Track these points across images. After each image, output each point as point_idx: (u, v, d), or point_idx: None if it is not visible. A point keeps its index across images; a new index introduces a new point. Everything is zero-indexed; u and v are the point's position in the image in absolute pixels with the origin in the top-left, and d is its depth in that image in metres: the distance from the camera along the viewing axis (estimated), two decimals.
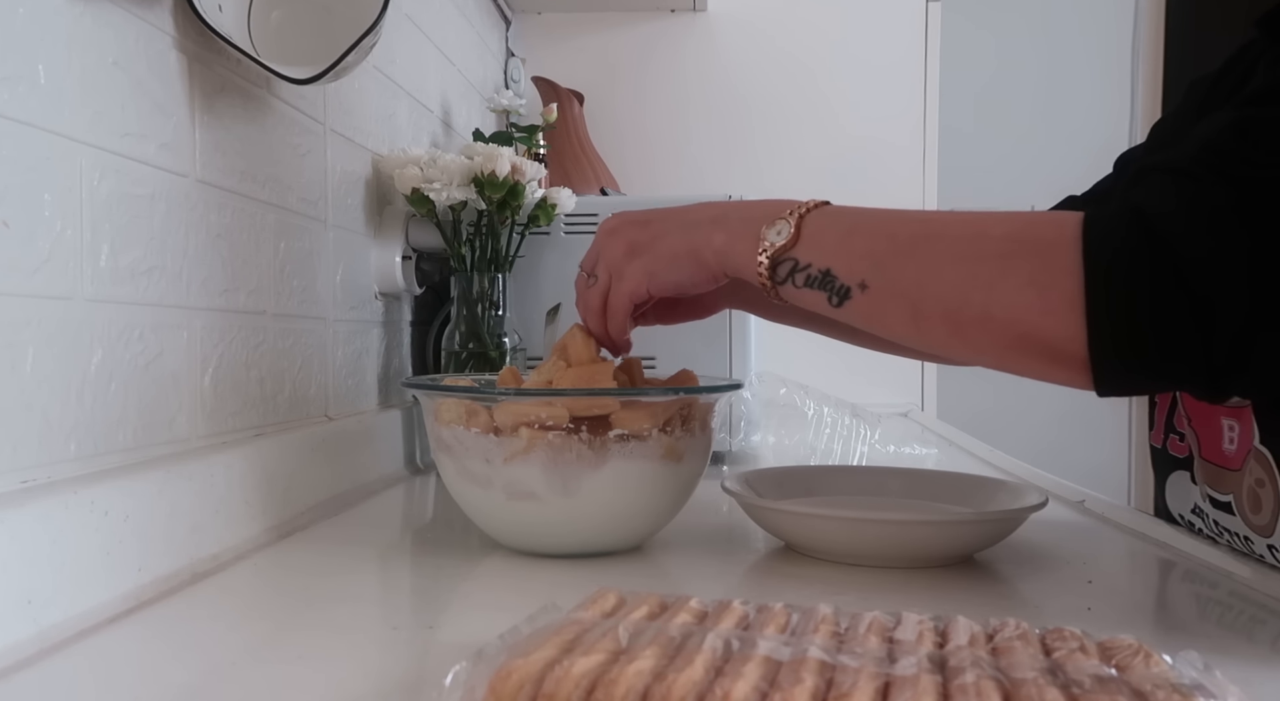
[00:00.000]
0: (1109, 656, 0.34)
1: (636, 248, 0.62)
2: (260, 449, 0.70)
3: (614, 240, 0.63)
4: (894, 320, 0.53)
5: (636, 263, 0.61)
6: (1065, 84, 2.70)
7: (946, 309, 0.50)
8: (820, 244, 0.55)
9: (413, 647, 0.48)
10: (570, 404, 0.60)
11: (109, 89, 0.57)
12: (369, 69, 0.97)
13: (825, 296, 0.54)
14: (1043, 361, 0.48)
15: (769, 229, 0.56)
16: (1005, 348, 0.49)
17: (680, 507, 0.67)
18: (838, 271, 0.54)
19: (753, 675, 0.31)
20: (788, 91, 1.78)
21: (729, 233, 0.58)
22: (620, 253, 0.62)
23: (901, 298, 0.52)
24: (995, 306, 0.48)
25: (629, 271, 0.61)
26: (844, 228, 0.55)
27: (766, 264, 0.56)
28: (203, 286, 0.67)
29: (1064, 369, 0.48)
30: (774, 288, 0.56)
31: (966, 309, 0.50)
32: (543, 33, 1.77)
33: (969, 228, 0.52)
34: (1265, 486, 0.62)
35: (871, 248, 0.54)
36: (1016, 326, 0.48)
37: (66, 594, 0.49)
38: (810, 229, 0.55)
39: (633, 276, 0.61)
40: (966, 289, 0.50)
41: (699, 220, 0.60)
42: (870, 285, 0.53)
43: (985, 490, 0.73)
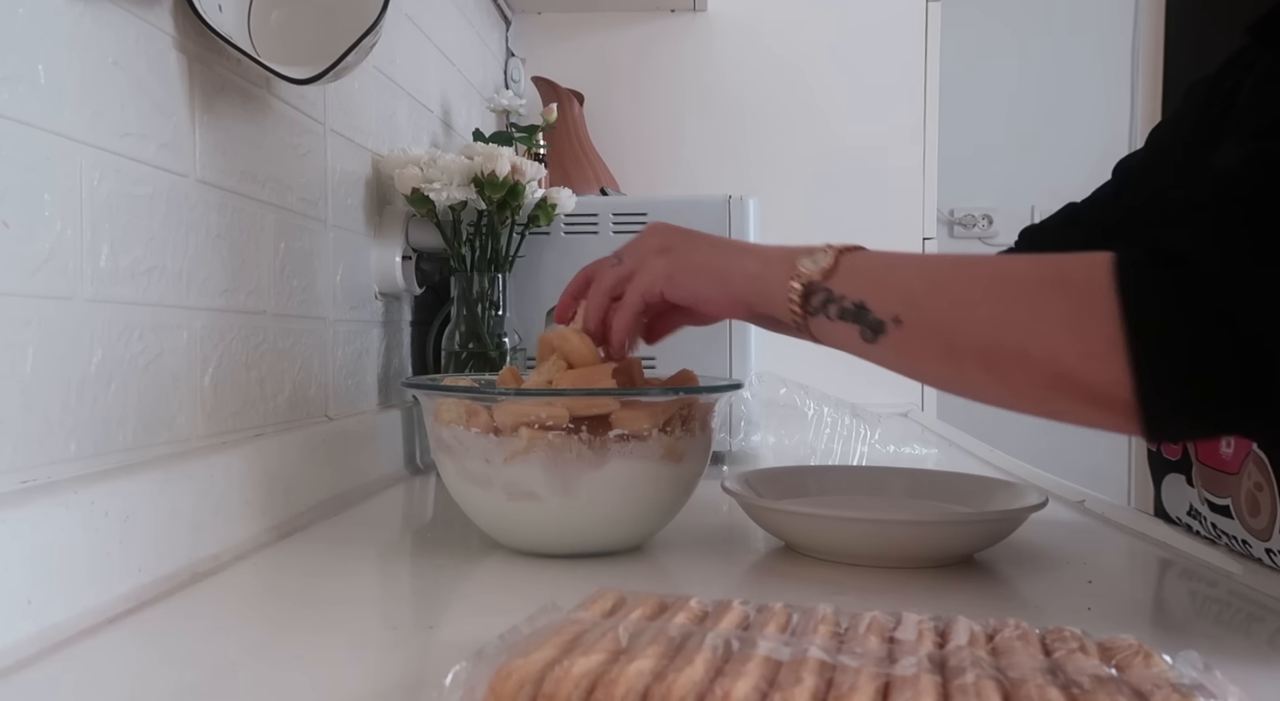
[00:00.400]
0: (1109, 656, 0.35)
1: (668, 248, 0.62)
2: (260, 449, 0.70)
3: (651, 236, 0.64)
4: (928, 358, 0.52)
5: (662, 260, 0.62)
6: (1065, 84, 2.70)
7: (982, 347, 0.50)
8: (856, 276, 0.55)
9: (413, 647, 0.48)
10: (570, 404, 0.60)
11: (109, 89, 0.57)
12: (369, 69, 0.97)
13: (858, 330, 0.54)
14: (1086, 405, 0.48)
15: (806, 258, 0.56)
16: (1045, 388, 0.48)
17: (680, 507, 0.67)
18: (872, 305, 0.53)
19: (753, 675, 0.31)
20: (788, 91, 1.78)
21: (763, 260, 0.58)
22: (652, 247, 0.63)
23: (935, 334, 0.51)
24: (1032, 346, 0.48)
25: (652, 265, 0.62)
26: (880, 263, 0.55)
27: (799, 291, 0.55)
28: (203, 286, 0.67)
29: (1110, 413, 0.47)
30: (805, 319, 0.56)
31: (1002, 348, 0.49)
32: (543, 33, 1.77)
33: (1001, 268, 0.52)
34: (1263, 490, 0.62)
35: (907, 283, 0.53)
36: (1055, 367, 0.47)
37: (66, 594, 0.49)
38: (848, 262, 0.55)
39: (653, 271, 0.62)
40: (1002, 327, 0.49)
41: (736, 247, 0.61)
42: (904, 320, 0.52)
43: (985, 490, 0.73)
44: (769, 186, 1.74)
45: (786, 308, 0.56)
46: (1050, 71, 2.69)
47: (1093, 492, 0.87)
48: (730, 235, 1.08)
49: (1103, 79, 2.69)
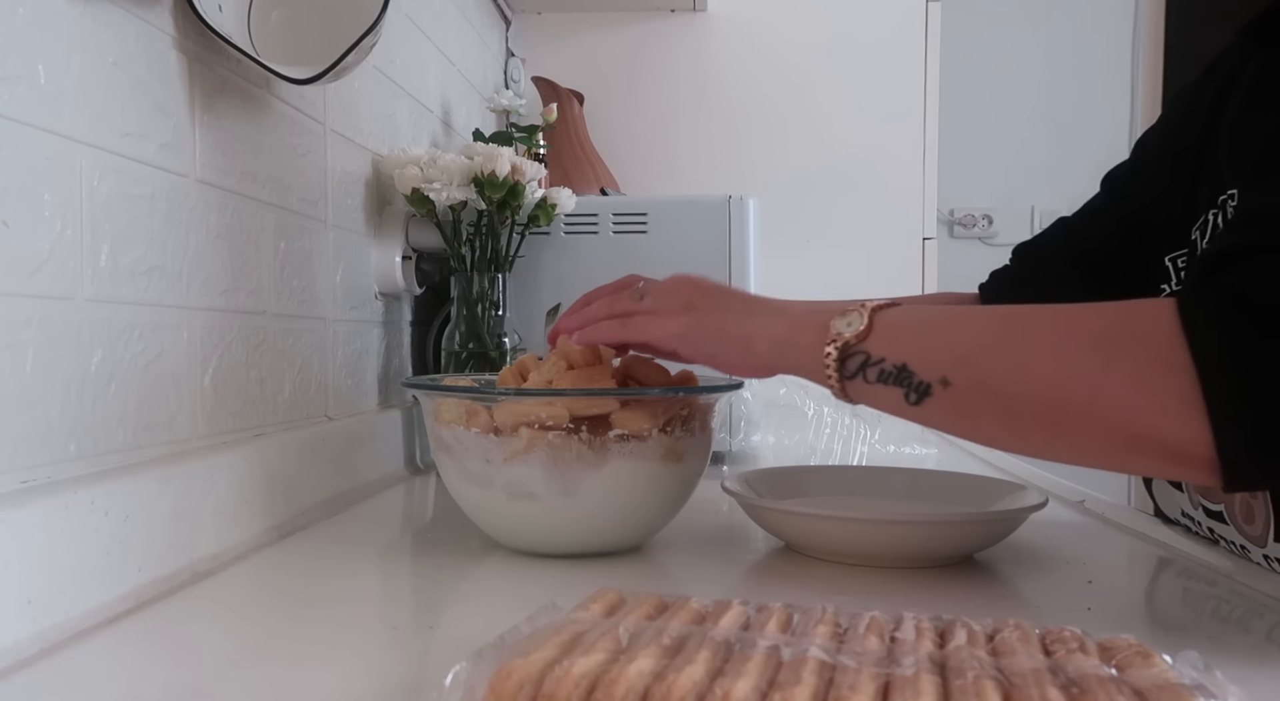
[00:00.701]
0: (1109, 656, 0.35)
1: (691, 307, 0.60)
2: (260, 449, 0.70)
3: (678, 289, 0.62)
4: (983, 419, 0.50)
5: (683, 317, 0.59)
6: (1065, 84, 2.70)
7: (1044, 408, 0.47)
8: (895, 337, 0.52)
9: (413, 647, 0.48)
10: (570, 404, 0.60)
11: (109, 89, 0.57)
12: (369, 69, 0.97)
13: (902, 393, 0.51)
14: (1164, 462, 0.46)
15: (839, 319, 0.53)
16: (1118, 448, 0.46)
17: (680, 507, 0.67)
18: (915, 366, 0.50)
19: (753, 675, 0.31)
20: (788, 91, 1.78)
21: (791, 323, 0.55)
22: (677, 301, 0.61)
23: (990, 395, 0.48)
24: (1101, 406, 0.45)
25: (672, 319, 0.60)
26: (920, 322, 0.53)
27: (835, 356, 0.52)
28: (203, 286, 0.67)
29: (1189, 468, 0.45)
30: (841, 384, 0.53)
31: (1068, 408, 0.46)
32: (543, 33, 1.77)
33: (1056, 321, 0.49)
34: (1257, 497, 0.61)
35: (952, 341, 0.50)
36: (1129, 427, 0.45)
37: (66, 594, 0.49)
38: (884, 321, 0.52)
39: (670, 326, 0.59)
40: (1065, 386, 0.46)
41: (761, 309, 0.58)
42: (954, 381, 0.49)
43: (985, 490, 0.73)
44: (769, 186, 1.74)
45: (821, 374, 0.53)
46: (1050, 72, 2.69)
47: (1093, 492, 0.87)
48: (730, 235, 1.08)
49: (1103, 79, 2.69)
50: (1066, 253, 0.81)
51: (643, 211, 1.09)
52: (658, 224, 1.08)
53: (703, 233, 1.08)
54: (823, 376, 0.53)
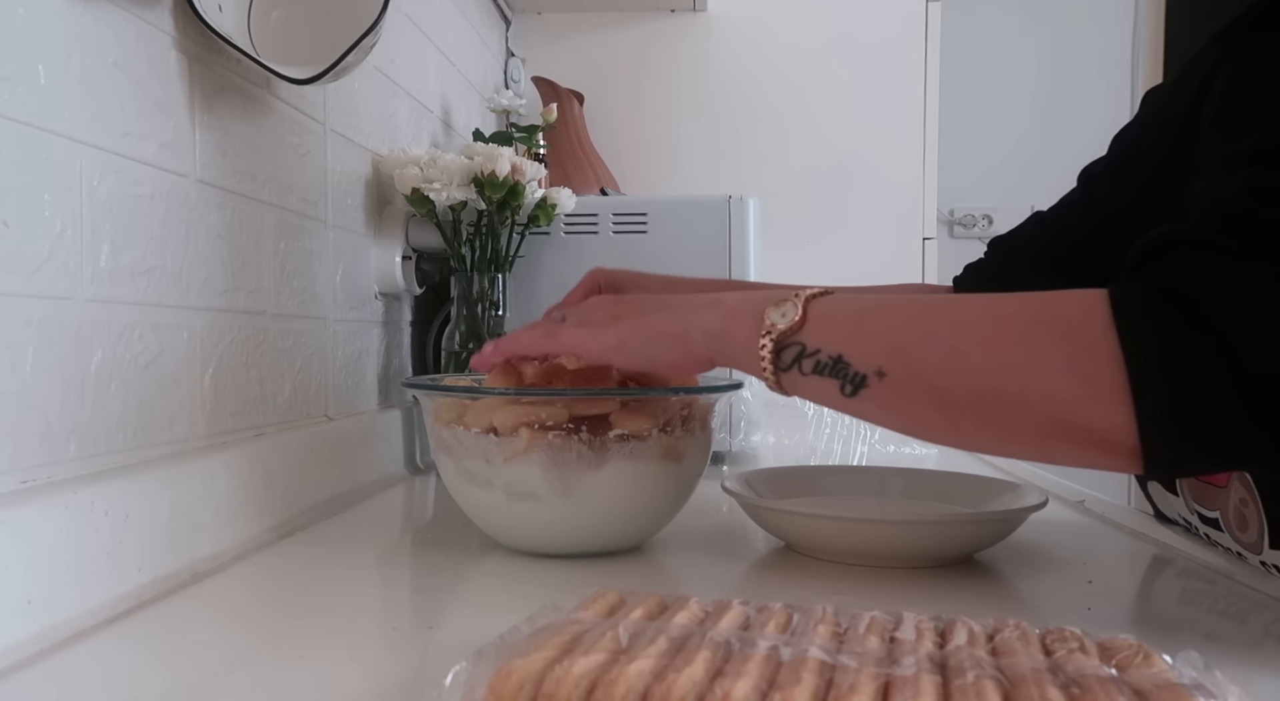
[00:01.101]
0: (1109, 656, 0.34)
1: (619, 317, 0.58)
2: (260, 449, 0.70)
3: (604, 304, 0.61)
4: (917, 410, 0.49)
5: (614, 329, 0.58)
6: (1065, 85, 2.70)
7: (977, 397, 0.47)
8: (830, 327, 0.51)
9: (413, 647, 0.48)
10: (570, 404, 0.60)
11: (109, 89, 0.57)
12: (369, 69, 0.97)
13: (837, 385, 0.50)
14: (1089, 450, 0.46)
15: (773, 310, 0.52)
16: (1046, 436, 0.46)
17: (680, 507, 0.67)
18: (850, 357, 0.50)
19: (753, 675, 0.31)
20: (788, 91, 1.78)
21: (724, 314, 0.54)
22: (603, 314, 0.59)
23: (925, 385, 0.48)
24: (1033, 394, 0.45)
25: (603, 332, 0.58)
26: (855, 311, 0.52)
27: (770, 348, 0.51)
28: (203, 286, 0.67)
29: (1113, 456, 0.45)
30: (777, 376, 0.52)
31: (999, 397, 0.46)
32: (543, 33, 1.77)
33: (990, 311, 0.49)
34: (1249, 506, 0.61)
35: (887, 331, 0.50)
36: (1058, 414, 0.45)
37: (66, 594, 0.49)
38: (818, 311, 0.51)
39: (604, 340, 0.58)
40: (998, 375, 0.46)
41: (690, 302, 0.57)
42: (889, 372, 0.49)
43: (985, 490, 0.73)
44: (769, 186, 1.74)
45: (757, 365, 0.52)
46: (1050, 72, 2.69)
47: (1093, 492, 0.87)
48: (730, 235, 1.08)
49: (1102, 79, 2.69)
50: (1041, 246, 0.81)
51: (643, 211, 1.09)
52: (658, 224, 1.09)
53: (703, 233, 1.08)
54: (758, 369, 0.53)
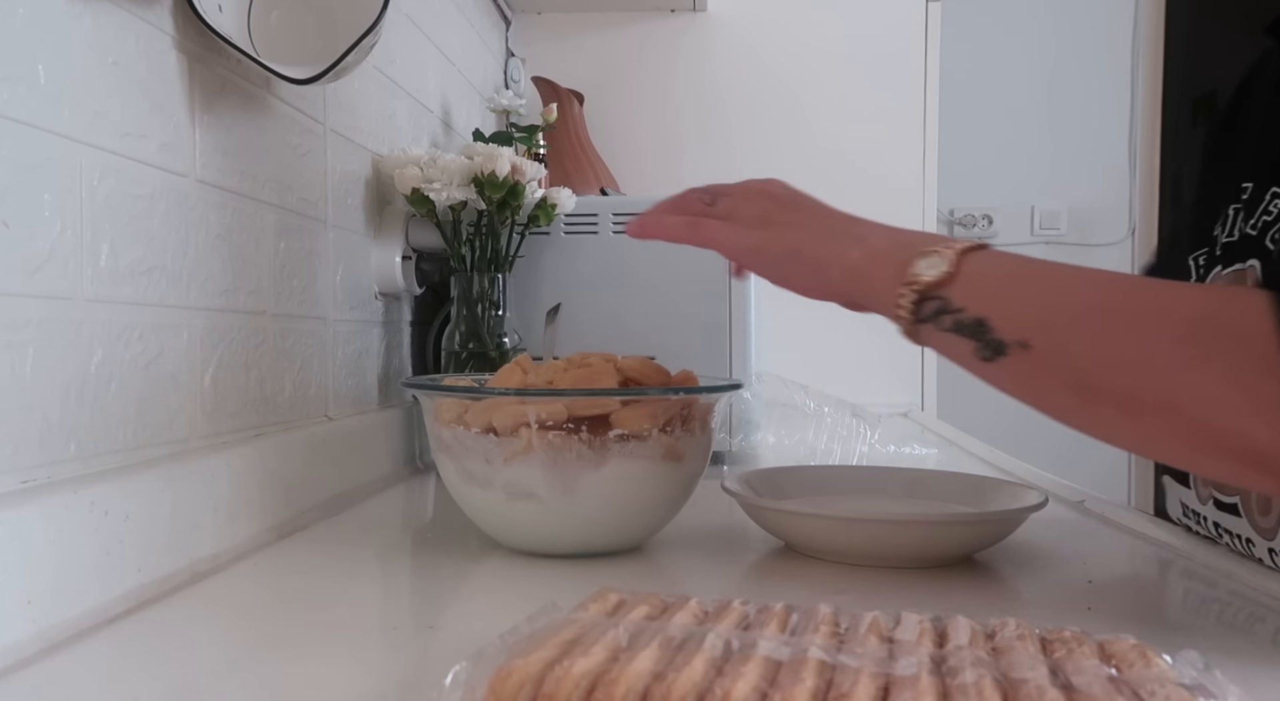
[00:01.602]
0: (1109, 656, 0.35)
1: (767, 220, 0.56)
2: (260, 449, 0.70)
3: (754, 198, 0.58)
4: (1053, 389, 0.47)
5: (757, 233, 0.56)
6: (1065, 84, 2.70)
7: (1122, 390, 0.44)
8: (979, 288, 0.48)
9: (413, 647, 0.48)
10: (570, 404, 0.60)
11: (109, 89, 0.57)
12: (369, 69, 0.97)
13: (974, 347, 0.48)
14: (1243, 466, 0.43)
15: (921, 260, 0.49)
16: (1193, 447, 0.44)
17: (680, 507, 0.67)
18: (994, 322, 0.47)
19: (753, 675, 0.31)
20: (788, 91, 1.78)
21: (868, 253, 0.52)
22: (753, 213, 0.57)
23: (1067, 367, 0.46)
24: (1184, 399, 0.43)
25: (745, 233, 0.57)
26: (1009, 273, 0.49)
27: (911, 298, 0.49)
28: (203, 286, 0.67)
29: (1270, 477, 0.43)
30: (913, 325, 0.50)
31: (1147, 395, 0.43)
32: (543, 33, 1.77)
33: (1149, 298, 0.46)
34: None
35: (1039, 302, 0.47)
36: (1211, 424, 0.42)
37: (66, 594, 0.49)
38: (969, 268, 0.49)
39: (743, 240, 0.56)
40: (1148, 372, 0.43)
41: (840, 232, 0.55)
42: (1033, 345, 0.46)
43: (985, 490, 0.73)
44: None
45: (893, 311, 0.50)
46: (1050, 72, 2.69)
47: (1093, 492, 0.87)
48: None
49: (1103, 79, 2.69)
50: None
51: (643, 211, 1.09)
52: None
53: None
54: (893, 314, 0.50)
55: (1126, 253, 2.71)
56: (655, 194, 1.69)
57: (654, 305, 1.08)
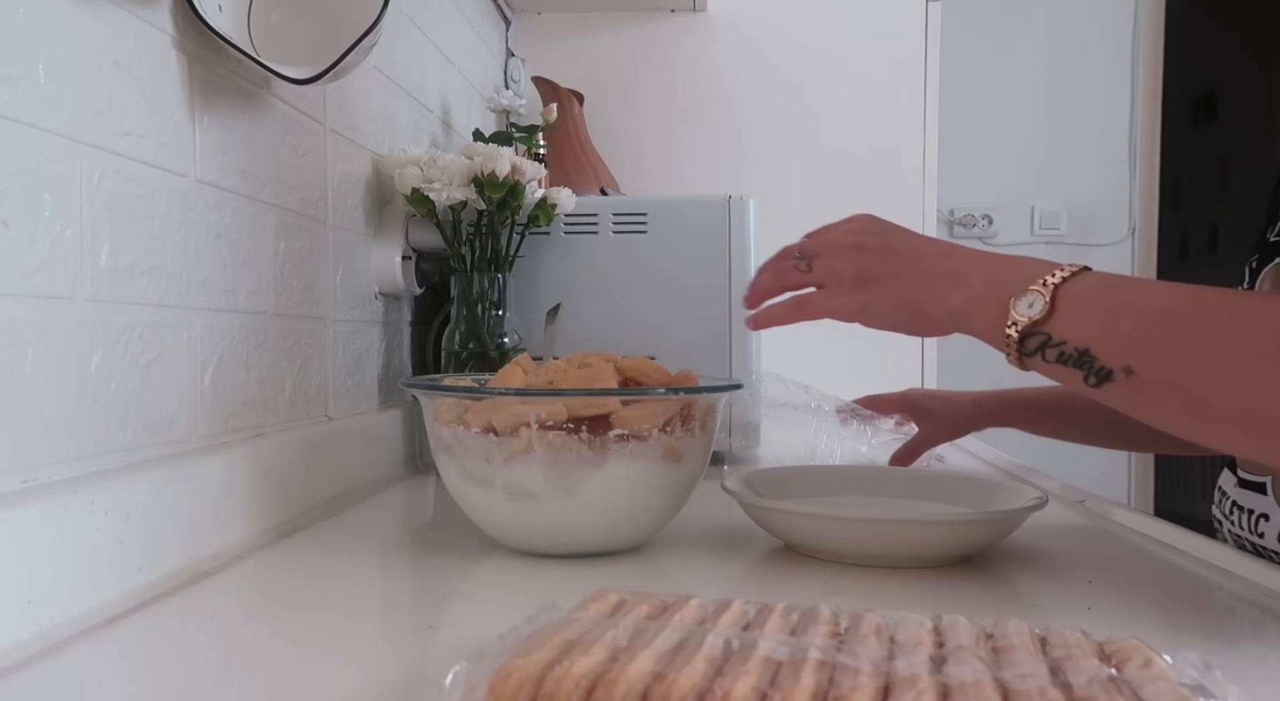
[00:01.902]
0: (1109, 656, 0.34)
1: (865, 279, 0.59)
2: (260, 449, 0.70)
3: (847, 254, 0.61)
4: (1166, 410, 0.49)
5: (860, 296, 0.59)
6: (1065, 84, 2.70)
7: (1237, 409, 0.46)
8: (1079, 320, 0.51)
9: (413, 647, 0.48)
10: (570, 404, 0.60)
11: (109, 89, 0.57)
12: (369, 69, 0.97)
13: (1081, 375, 0.50)
14: None
15: (1019, 300, 0.52)
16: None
17: (680, 507, 0.67)
18: (1098, 352, 0.49)
19: (753, 675, 0.31)
20: (788, 91, 1.78)
21: (970, 294, 0.55)
22: (849, 273, 0.60)
23: (1179, 389, 0.47)
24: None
25: (849, 298, 0.60)
26: (1107, 304, 0.51)
27: (1015, 337, 0.52)
28: (203, 286, 0.67)
29: None
30: (1020, 360, 0.53)
31: (1263, 412, 0.45)
32: (543, 33, 1.77)
33: (1257, 317, 0.47)
34: None
35: (1141, 331, 0.49)
36: None
37: (66, 594, 0.49)
38: (1066, 301, 0.51)
39: (848, 306, 0.60)
40: (1262, 390, 0.44)
41: (937, 274, 0.57)
42: (1138, 371, 0.48)
43: (985, 490, 0.73)
44: (769, 186, 1.74)
45: (1001, 346, 0.53)
46: (1050, 71, 2.69)
47: (1093, 492, 0.87)
48: (730, 235, 1.08)
49: (1103, 79, 2.69)
50: None
51: (642, 211, 1.09)
52: (658, 224, 1.09)
53: (703, 233, 1.08)
54: (1002, 348, 0.54)
55: (1126, 253, 2.72)
56: (655, 194, 1.68)
57: (654, 305, 1.08)
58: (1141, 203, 2.70)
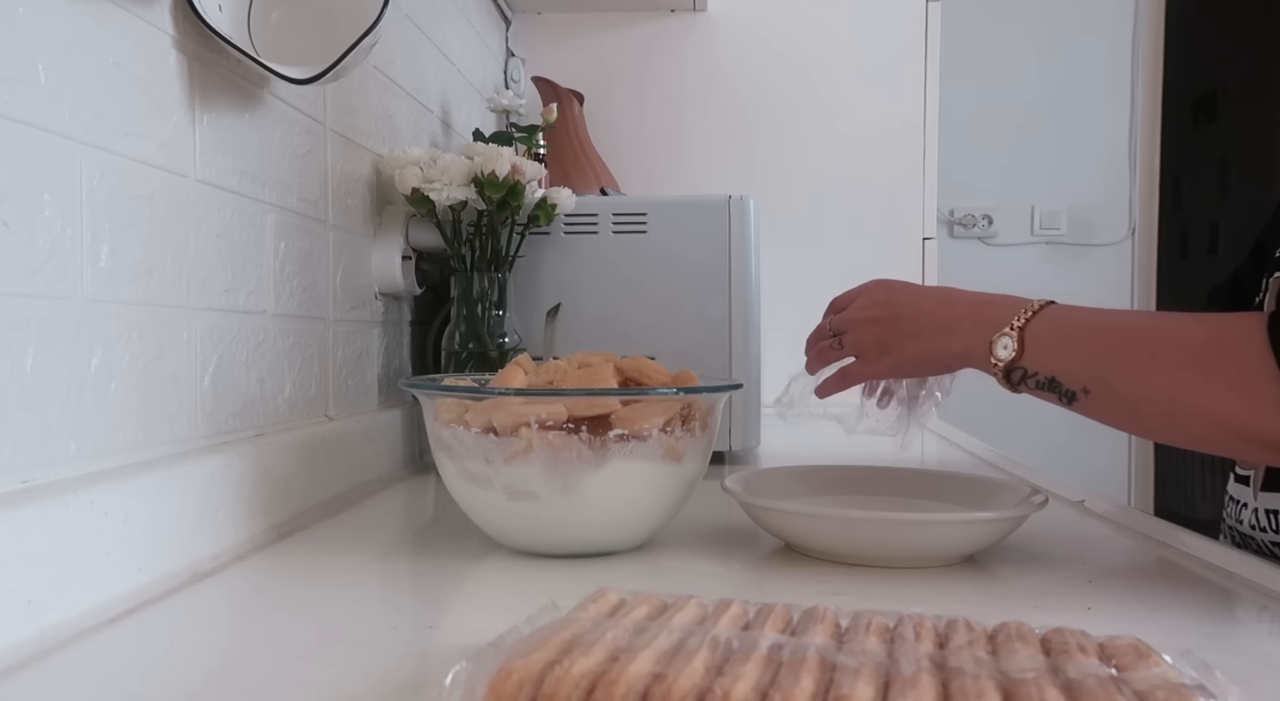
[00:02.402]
0: (1109, 656, 0.34)
1: (885, 346, 0.73)
2: (260, 449, 0.70)
3: (865, 329, 0.74)
4: (1117, 419, 0.62)
5: (885, 360, 0.73)
6: (1065, 84, 2.70)
7: (1162, 411, 0.59)
8: (1043, 355, 0.63)
9: (413, 647, 0.48)
10: (570, 404, 0.60)
11: (109, 89, 0.57)
12: (369, 69, 0.97)
13: (1055, 397, 0.63)
14: (1264, 451, 0.57)
15: (997, 342, 0.65)
16: (1224, 440, 0.58)
17: (680, 507, 0.67)
18: (1062, 379, 0.62)
19: (753, 675, 0.31)
20: (787, 91, 1.78)
21: (964, 342, 0.67)
22: (871, 345, 0.73)
23: (1120, 402, 0.60)
24: (1206, 407, 0.56)
25: (876, 363, 0.74)
26: (1060, 338, 0.63)
27: (1001, 372, 0.65)
28: (203, 286, 0.67)
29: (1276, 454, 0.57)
30: (1011, 388, 0.66)
31: (1180, 409, 0.58)
32: (543, 33, 1.77)
33: (1165, 335, 0.60)
34: None
35: (1088, 357, 0.62)
36: (1229, 423, 0.56)
37: (66, 594, 0.49)
38: (1032, 340, 0.64)
39: (879, 369, 0.74)
40: (1177, 394, 0.58)
41: (939, 327, 0.70)
42: (1092, 390, 0.61)
43: (985, 490, 0.73)
44: (769, 186, 1.74)
45: (995, 378, 0.66)
46: (1050, 71, 2.69)
47: (1093, 492, 0.87)
48: (730, 235, 1.08)
49: (1103, 79, 2.69)
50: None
51: (642, 211, 1.09)
52: (657, 224, 1.09)
53: (703, 233, 1.08)
54: (997, 380, 0.66)
55: (1126, 252, 2.72)
56: (655, 194, 1.69)
57: (654, 305, 1.08)
58: (1141, 203, 2.70)
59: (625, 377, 0.65)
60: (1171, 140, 2.76)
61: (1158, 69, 2.67)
